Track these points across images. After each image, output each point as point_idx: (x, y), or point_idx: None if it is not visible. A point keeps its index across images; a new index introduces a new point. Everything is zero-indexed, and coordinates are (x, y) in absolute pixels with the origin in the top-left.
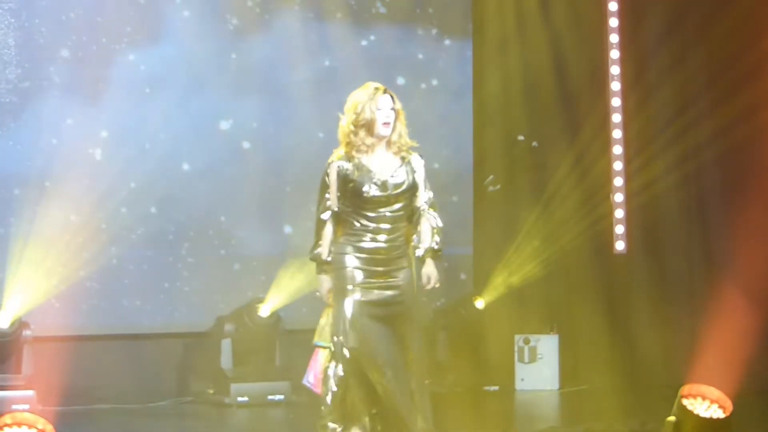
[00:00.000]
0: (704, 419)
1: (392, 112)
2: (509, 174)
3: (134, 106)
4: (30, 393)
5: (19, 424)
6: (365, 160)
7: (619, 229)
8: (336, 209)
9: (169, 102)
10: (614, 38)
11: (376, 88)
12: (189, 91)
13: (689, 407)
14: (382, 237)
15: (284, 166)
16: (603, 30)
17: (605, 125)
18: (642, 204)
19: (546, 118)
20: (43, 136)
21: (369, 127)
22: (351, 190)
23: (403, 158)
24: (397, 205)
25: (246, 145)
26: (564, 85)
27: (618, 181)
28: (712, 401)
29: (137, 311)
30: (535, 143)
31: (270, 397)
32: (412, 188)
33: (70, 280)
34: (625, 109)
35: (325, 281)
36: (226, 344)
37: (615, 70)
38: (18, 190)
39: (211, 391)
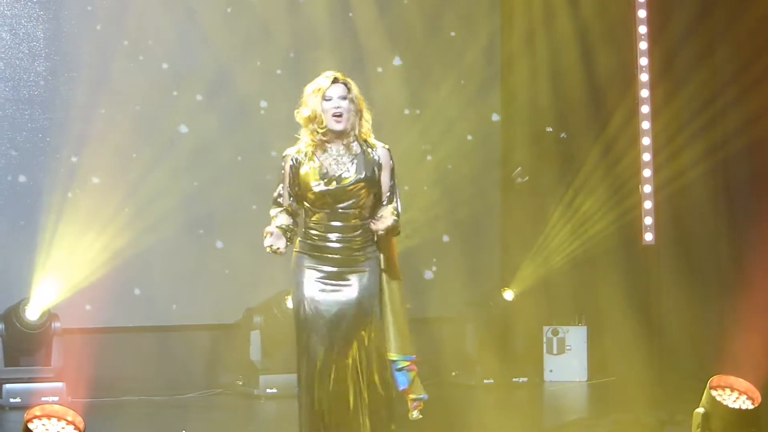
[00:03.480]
0: (733, 410)
1: (344, 101)
2: (537, 165)
3: (163, 98)
4: (59, 385)
5: (48, 416)
6: (317, 153)
7: (648, 221)
8: (287, 204)
9: (198, 92)
10: (642, 29)
11: (326, 77)
12: (217, 82)
13: (718, 398)
14: (334, 236)
15: None
16: (631, 21)
17: (633, 116)
18: (670, 195)
19: (574, 110)
20: (72, 129)
21: (318, 120)
22: (300, 186)
23: (358, 151)
24: (348, 202)
25: (276, 135)
26: (592, 76)
27: (646, 173)
28: (741, 392)
29: (166, 303)
30: (563, 134)
31: (298, 389)
32: (366, 183)
33: (99, 272)
34: (654, 101)
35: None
36: (255, 336)
37: (643, 61)
38: (46, 182)
39: (240, 383)
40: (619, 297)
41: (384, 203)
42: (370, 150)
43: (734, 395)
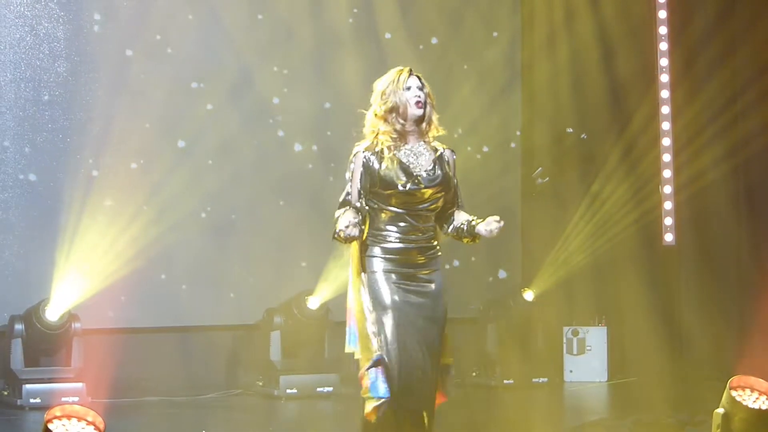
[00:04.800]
0: (753, 411)
1: (421, 92)
2: (558, 166)
3: (182, 99)
4: (79, 385)
5: (68, 417)
6: (396, 151)
7: (668, 221)
8: (357, 205)
9: (217, 95)
10: (663, 30)
11: (402, 69)
12: (237, 85)
13: (738, 399)
14: (413, 236)
15: (333, 158)
16: (652, 21)
17: (654, 117)
18: (691, 196)
19: (595, 111)
20: (92, 129)
21: (400, 109)
22: (381, 184)
23: (435, 149)
24: (430, 201)
25: (296, 138)
26: (613, 77)
27: (667, 173)
28: (761, 393)
29: (186, 304)
30: (583, 135)
31: (319, 389)
32: (446, 182)
33: (119, 273)
34: (674, 101)
35: (345, 216)
36: (275, 336)
37: (664, 62)
38: (67, 182)
39: (260, 384)
40: (639, 297)
41: (454, 205)
42: (440, 149)
43: (754, 395)
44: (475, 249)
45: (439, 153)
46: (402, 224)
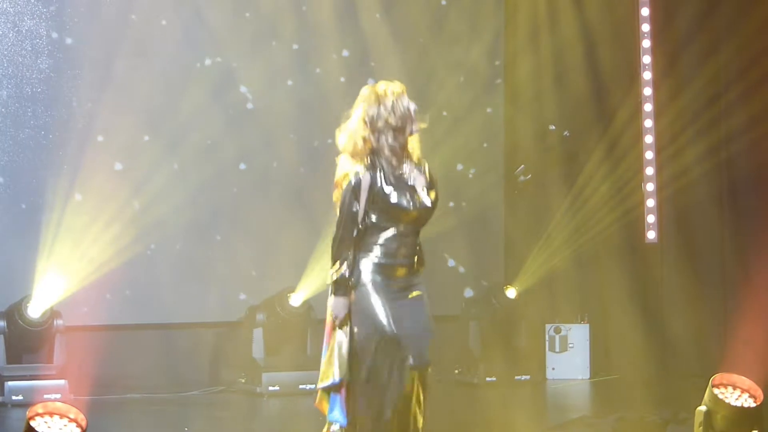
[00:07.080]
0: (735, 408)
1: None
2: (540, 164)
3: (167, 97)
4: (62, 382)
5: (50, 414)
6: (397, 169)
7: (651, 219)
8: (360, 226)
9: (202, 92)
10: (646, 27)
11: (389, 82)
12: (222, 81)
13: (720, 396)
14: (403, 251)
15: (316, 156)
16: (635, 19)
17: (637, 115)
18: (673, 193)
19: (577, 108)
20: (75, 126)
21: (405, 123)
22: (384, 204)
23: (419, 162)
24: (426, 219)
25: (279, 134)
26: (596, 74)
27: (649, 171)
28: (743, 390)
29: (169, 301)
30: (566, 133)
31: (301, 386)
32: (438, 197)
33: (101, 270)
34: (657, 99)
35: (344, 305)
36: (257, 334)
37: (647, 59)
38: (49, 179)
39: (243, 381)
40: (621, 295)
41: None
42: (424, 163)
43: (736, 393)
44: (458, 248)
45: (426, 167)
46: (395, 242)
